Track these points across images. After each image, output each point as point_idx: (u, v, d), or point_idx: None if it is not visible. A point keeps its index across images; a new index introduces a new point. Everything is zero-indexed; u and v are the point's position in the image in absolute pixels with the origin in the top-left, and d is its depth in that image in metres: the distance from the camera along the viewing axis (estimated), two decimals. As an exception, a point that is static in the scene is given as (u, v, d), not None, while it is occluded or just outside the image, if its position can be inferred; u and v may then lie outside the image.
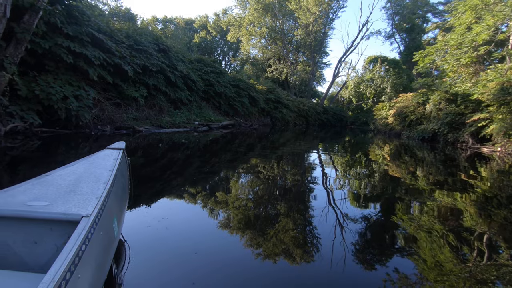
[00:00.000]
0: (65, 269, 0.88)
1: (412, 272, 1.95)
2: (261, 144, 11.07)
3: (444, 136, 15.34)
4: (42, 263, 1.27)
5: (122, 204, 1.96)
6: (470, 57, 14.84)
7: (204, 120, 14.92)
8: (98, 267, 1.26)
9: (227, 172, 5.32)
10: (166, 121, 12.21)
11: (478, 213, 3.32)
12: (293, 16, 36.39)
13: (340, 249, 2.22)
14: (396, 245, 2.46)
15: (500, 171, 6.63)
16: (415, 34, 30.62)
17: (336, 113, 36.44)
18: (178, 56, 15.20)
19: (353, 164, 7.27)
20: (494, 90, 12.22)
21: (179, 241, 2.27)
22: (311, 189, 4.20)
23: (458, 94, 15.18)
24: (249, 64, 43.60)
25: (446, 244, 2.41)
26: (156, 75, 12.71)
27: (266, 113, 24.57)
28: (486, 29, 13.88)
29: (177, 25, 51.43)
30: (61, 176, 1.64)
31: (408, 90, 23.90)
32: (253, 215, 2.89)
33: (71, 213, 1.27)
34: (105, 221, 1.39)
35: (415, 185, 4.81)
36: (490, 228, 2.87)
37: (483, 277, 1.91)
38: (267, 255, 2.07)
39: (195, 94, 16.40)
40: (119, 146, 2.15)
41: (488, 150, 12.01)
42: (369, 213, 3.23)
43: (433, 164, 7.59)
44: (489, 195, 4.31)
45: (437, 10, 31.27)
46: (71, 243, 1.01)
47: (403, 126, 20.29)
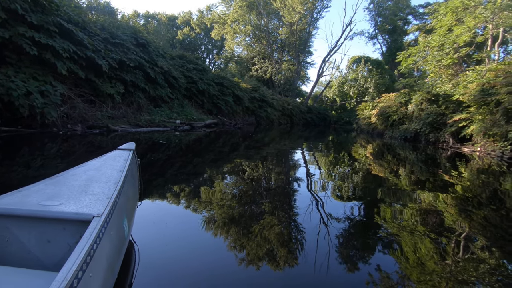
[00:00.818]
0: (77, 268, 0.89)
1: (394, 271, 1.96)
2: (246, 144, 10.62)
3: (425, 136, 15.46)
4: (55, 261, 1.29)
5: (132, 204, 1.96)
6: (452, 58, 14.98)
7: (186, 119, 14.22)
8: (109, 266, 1.27)
9: (211, 173, 5.10)
10: (144, 119, 11.46)
11: (459, 212, 3.36)
12: (278, 15, 36.04)
13: (325, 249, 2.22)
14: (379, 244, 2.46)
15: (480, 171, 6.63)
16: (397, 36, 31.05)
17: (320, 112, 36.49)
18: (158, 51, 14.41)
19: (337, 163, 7.20)
20: (474, 91, 12.31)
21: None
22: (296, 189, 4.16)
23: (439, 95, 15.32)
24: (233, 63, 42.90)
25: (427, 243, 2.43)
26: (134, 71, 11.92)
27: (250, 112, 24.08)
28: (467, 31, 14.03)
29: (159, 21, 49.91)
30: (74, 176, 1.66)
31: (390, 90, 24.09)
32: (237, 215, 2.86)
33: (83, 212, 1.28)
34: (115, 221, 1.40)
35: (398, 184, 4.81)
36: (470, 227, 2.89)
37: (464, 275, 1.94)
38: (254, 258, 2.05)
39: (176, 91, 15.66)
40: (129, 147, 2.14)
41: (468, 150, 12.09)
42: (352, 212, 3.24)
43: (415, 163, 7.57)
44: (470, 194, 4.34)
45: (417, 13, 31.85)
46: (83, 242, 1.02)
47: (386, 126, 20.38)
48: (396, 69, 29.49)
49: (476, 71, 13.92)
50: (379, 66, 27.87)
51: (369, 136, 20.47)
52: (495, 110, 11.48)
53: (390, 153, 10.18)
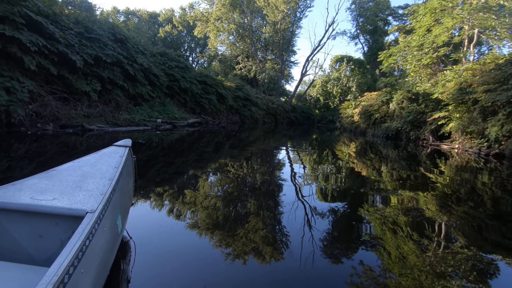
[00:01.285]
0: (68, 264, 0.88)
1: (376, 265, 2.00)
2: (230, 143, 10.33)
3: (406, 133, 15.72)
4: (47, 256, 1.27)
5: (127, 201, 1.93)
6: (431, 57, 15.30)
7: (168, 118, 13.71)
8: (102, 263, 1.25)
9: (194, 173, 4.95)
10: (123, 118, 10.90)
11: (438, 208, 3.41)
12: (261, 14, 35.83)
13: (309, 244, 2.24)
14: (362, 239, 2.49)
15: (458, 167, 6.75)
16: (378, 36, 31.62)
17: (304, 111, 36.63)
18: (138, 48, 13.80)
19: (321, 162, 7.18)
20: (453, 90, 12.58)
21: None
22: (281, 187, 4.17)
23: (419, 94, 15.62)
24: (217, 61, 42.31)
25: (408, 237, 2.48)
26: (112, 67, 11.32)
27: (234, 110, 23.74)
28: (445, 31, 14.35)
29: (140, 18, 48.48)
30: (68, 171, 1.62)
31: (372, 89, 24.44)
32: (222, 214, 2.86)
33: (76, 208, 1.26)
34: (109, 217, 1.38)
35: (380, 182, 4.86)
36: (450, 222, 2.95)
37: (443, 267, 1.98)
38: (245, 254, 2.07)
39: (158, 89, 15.11)
40: (125, 144, 2.10)
41: (447, 147, 12.35)
42: (336, 208, 3.29)
43: (397, 160, 7.64)
44: (449, 190, 4.41)
45: (397, 14, 32.54)
46: (75, 238, 1.01)
47: (368, 124, 20.63)
48: (377, 68, 30.06)
49: (454, 71, 14.26)
50: (361, 65, 28.24)
51: (352, 135, 20.65)
52: (472, 108, 11.74)
53: (373, 151, 10.19)
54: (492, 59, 13.11)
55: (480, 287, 1.81)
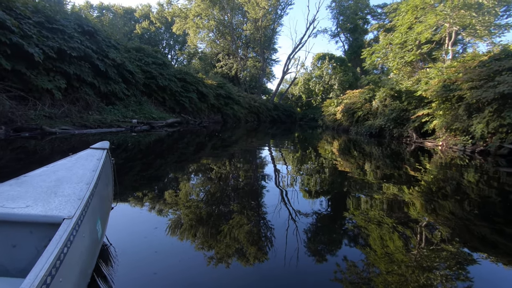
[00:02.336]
0: (45, 273, 0.84)
1: (360, 260, 1.99)
2: (212, 143, 9.54)
3: (390, 131, 15.62)
4: (22, 267, 1.21)
5: (106, 205, 1.87)
6: (415, 54, 15.14)
7: (144, 118, 12.57)
8: (81, 270, 1.22)
9: (174, 175, 4.69)
10: (93, 119, 9.72)
11: (423, 204, 3.39)
12: (242, 11, 34.91)
13: (294, 243, 2.22)
14: (346, 237, 2.47)
15: (443, 164, 6.62)
16: (358, 34, 31.65)
17: (286, 109, 36.17)
18: (110, 41, 12.53)
19: (304, 160, 6.99)
20: (436, 87, 12.40)
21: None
22: (264, 186, 4.06)
23: (402, 91, 15.48)
24: (197, 59, 40.90)
25: (392, 234, 2.45)
26: (79, 62, 10.07)
27: (216, 109, 22.74)
28: (428, 28, 14.21)
29: (115, 14, 45.97)
30: (41, 177, 1.53)
31: (354, 87, 24.28)
32: (205, 215, 2.76)
33: (51, 215, 1.19)
34: (88, 223, 1.33)
35: (363, 179, 4.78)
36: (434, 218, 2.94)
37: (427, 263, 1.98)
38: (228, 255, 2.02)
39: (133, 87, 13.90)
40: (103, 146, 1.99)
41: (431, 144, 12.21)
42: (320, 207, 3.23)
43: (381, 158, 7.49)
44: (434, 187, 4.35)
45: (376, 13, 32.78)
46: (52, 246, 0.96)
47: (351, 122, 20.46)
48: (358, 66, 30.13)
49: (437, 68, 14.15)
50: (343, 63, 28.08)
51: (334, 132, 20.38)
52: (456, 106, 11.58)
53: (356, 148, 9.89)
54: (472, 56, 13.10)
55: (462, 282, 1.79)
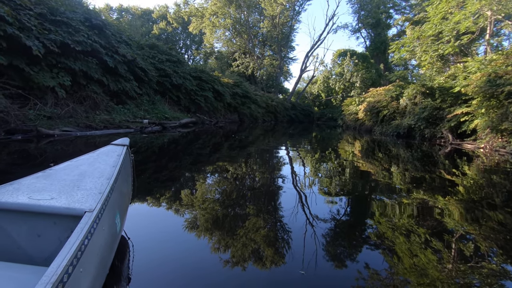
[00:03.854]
0: (67, 263, 0.86)
1: (384, 271, 1.82)
2: (228, 144, 8.58)
3: (420, 131, 14.04)
4: (46, 256, 1.25)
5: (125, 200, 1.88)
6: (453, 46, 13.32)
7: (157, 118, 11.56)
8: (100, 262, 1.22)
9: (190, 176, 4.36)
10: (100, 119, 8.76)
11: (461, 213, 2.94)
12: (258, 9, 33.65)
13: (311, 248, 2.08)
14: (368, 244, 2.21)
15: (486, 169, 5.73)
16: (380, 29, 29.56)
17: (304, 109, 34.60)
18: (121, 37, 11.61)
19: (324, 161, 6.50)
20: (480, 82, 10.62)
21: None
22: (281, 188, 3.76)
23: (435, 88, 13.77)
24: (213, 59, 40.03)
25: (423, 244, 2.19)
26: (86, 58, 9.16)
27: (233, 109, 21.61)
28: (469, 16, 12.39)
29: (134, 15, 45.96)
30: (66, 171, 1.57)
31: (377, 84, 22.45)
32: (222, 214, 2.66)
33: (74, 207, 1.23)
34: (107, 217, 1.34)
35: (390, 183, 4.33)
36: (475, 230, 2.50)
37: (463, 280, 1.74)
38: (245, 256, 1.94)
39: (146, 85, 12.96)
40: (123, 143, 2.00)
41: (472, 147, 10.56)
42: (340, 211, 2.94)
43: (410, 161, 6.64)
44: (475, 194, 3.79)
45: (399, 7, 30.57)
46: (73, 237, 0.98)
47: (375, 122, 18.88)
48: (381, 63, 28.15)
49: (478, 61, 12.34)
50: (365, 60, 26.17)
51: (356, 133, 18.89)
52: (506, 103, 9.81)
53: (382, 150, 8.94)
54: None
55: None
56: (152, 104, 12.98)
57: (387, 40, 28.34)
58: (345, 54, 26.89)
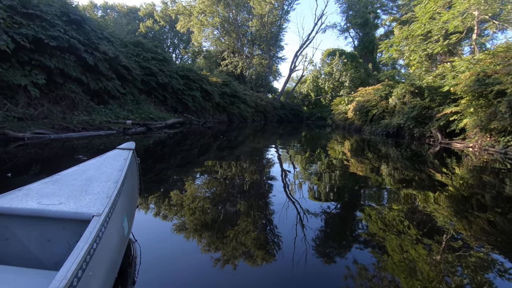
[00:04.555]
0: (77, 267, 0.86)
1: (376, 269, 1.82)
2: (217, 145, 8.14)
3: (409, 130, 14.00)
4: (55, 260, 1.25)
5: (132, 203, 1.87)
6: (442, 45, 13.29)
7: (141, 118, 10.96)
8: (109, 265, 1.21)
9: (181, 179, 4.20)
10: (78, 120, 8.12)
11: (451, 211, 2.94)
12: (247, 8, 33.16)
13: (302, 246, 2.09)
14: (358, 243, 2.22)
15: (476, 168, 5.71)
16: (368, 29, 29.62)
17: (293, 108, 34.36)
18: (102, 33, 10.93)
19: (314, 161, 6.39)
20: (469, 81, 10.55)
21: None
22: (273, 190, 3.65)
23: (424, 87, 13.76)
24: (201, 58, 39.26)
25: (413, 242, 2.20)
26: (63, 54, 8.49)
27: (222, 108, 21.09)
28: (458, 16, 12.36)
29: (119, 13, 44.58)
30: (73, 175, 1.59)
31: (366, 84, 22.42)
32: (210, 217, 2.59)
33: (82, 212, 1.23)
34: (115, 220, 1.35)
35: (380, 181, 4.32)
36: (464, 228, 2.53)
37: (453, 277, 1.76)
38: (248, 256, 1.93)
39: (130, 84, 12.31)
40: (129, 147, 2.04)
41: (461, 146, 10.51)
42: (330, 210, 2.96)
43: (399, 160, 6.64)
44: (465, 192, 3.81)
45: (386, 7, 30.72)
46: (82, 241, 0.98)
47: (365, 121, 18.83)
48: (370, 62, 28.20)
49: (467, 60, 12.33)
50: (354, 59, 26.11)
51: (345, 132, 18.82)
52: (495, 102, 9.75)
53: (371, 149, 8.86)
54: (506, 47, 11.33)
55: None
56: (136, 104, 12.35)
57: (375, 40, 28.44)
58: (334, 53, 26.78)
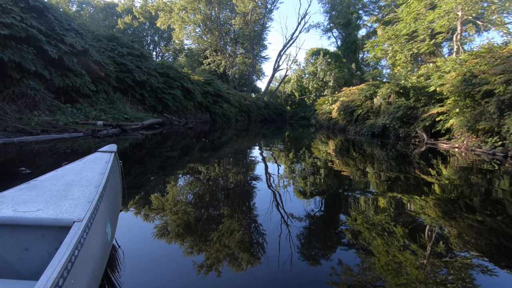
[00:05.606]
0: (57, 275, 0.81)
1: (360, 269, 1.79)
2: (200, 147, 7.20)
3: (395, 131, 13.77)
4: (34, 270, 1.18)
5: (115, 208, 1.83)
6: (428, 45, 13.08)
7: (114, 119, 9.84)
8: (92, 273, 1.17)
9: (169, 181, 3.87)
10: (37, 122, 6.97)
11: (439, 214, 2.83)
12: (230, 6, 32.18)
13: (287, 248, 2.05)
14: (343, 243, 2.19)
15: (463, 168, 5.56)
16: (351, 30, 29.59)
17: (277, 108, 33.85)
18: (70, 24, 9.68)
19: (300, 161, 6.24)
20: (456, 82, 10.32)
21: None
22: (256, 191, 3.52)
23: (409, 87, 13.56)
24: (183, 56, 37.83)
25: (398, 243, 2.18)
26: (19, 46, 7.29)
27: (204, 108, 20.07)
28: (444, 15, 12.17)
29: (96, 8, 42.11)
30: (51, 181, 1.50)
31: (350, 84, 22.21)
32: (195, 221, 2.48)
33: (62, 218, 1.16)
34: (98, 226, 1.29)
35: (364, 181, 4.17)
36: (450, 228, 2.48)
37: (438, 277, 1.72)
38: (234, 259, 1.88)
39: (103, 82, 11.11)
40: (111, 149, 1.92)
41: (447, 146, 10.28)
42: (314, 211, 2.88)
43: (385, 160, 6.43)
44: (451, 193, 3.63)
45: (367, 8, 30.85)
46: (63, 248, 0.93)
47: (349, 121, 18.57)
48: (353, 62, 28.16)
49: (453, 60, 12.17)
50: (338, 59, 25.88)
51: (330, 132, 18.45)
52: (482, 102, 9.53)
53: (356, 149, 8.64)
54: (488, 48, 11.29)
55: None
56: (110, 103, 11.17)
57: (358, 40, 28.43)
58: (318, 53, 26.44)
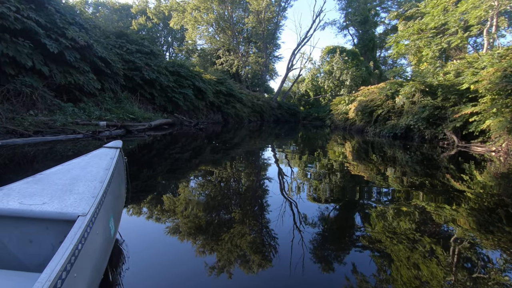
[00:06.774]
0: (61, 268, 0.81)
1: (376, 281, 1.63)
2: (210, 149, 6.22)
3: (419, 132, 12.41)
4: (38, 262, 1.18)
5: (119, 203, 1.80)
6: (462, 37, 11.68)
7: (119, 119, 9.07)
8: (95, 266, 1.17)
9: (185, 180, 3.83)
10: (32, 122, 6.23)
11: (472, 225, 2.51)
12: (243, 5, 31.32)
13: (299, 253, 1.94)
14: (358, 250, 2.03)
15: (505, 175, 4.77)
16: (368, 27, 28.09)
17: (290, 108, 32.72)
18: (74, 18, 8.98)
19: (315, 163, 5.77)
20: (494, 78, 8.93)
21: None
22: (269, 194, 3.32)
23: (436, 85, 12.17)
24: (196, 56, 37.29)
25: (423, 257, 1.94)
26: (14, 39, 6.58)
27: (216, 108, 19.21)
28: (479, 5, 10.79)
29: (111, 10, 42.26)
30: (57, 175, 1.49)
31: (367, 83, 20.82)
32: (202, 219, 2.43)
33: (67, 212, 1.15)
34: (101, 220, 1.28)
35: (386, 186, 3.83)
36: (485, 241, 2.20)
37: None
38: (239, 260, 1.81)
39: (109, 79, 10.39)
40: (116, 145, 1.93)
41: (482, 150, 8.94)
42: (328, 216, 2.71)
43: (409, 164, 5.73)
44: (490, 203, 3.17)
45: (385, 4, 29.22)
46: (67, 242, 0.93)
47: (368, 122, 17.26)
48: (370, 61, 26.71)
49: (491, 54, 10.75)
50: (355, 57, 24.47)
51: (346, 133, 17.24)
52: (529, 101, 8.11)
53: (376, 152, 7.86)
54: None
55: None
56: (117, 102, 10.44)
57: (375, 37, 26.95)
58: (334, 51, 25.10)
